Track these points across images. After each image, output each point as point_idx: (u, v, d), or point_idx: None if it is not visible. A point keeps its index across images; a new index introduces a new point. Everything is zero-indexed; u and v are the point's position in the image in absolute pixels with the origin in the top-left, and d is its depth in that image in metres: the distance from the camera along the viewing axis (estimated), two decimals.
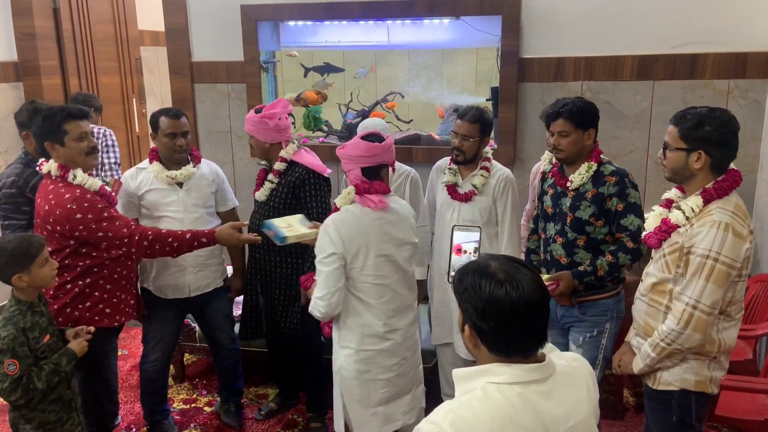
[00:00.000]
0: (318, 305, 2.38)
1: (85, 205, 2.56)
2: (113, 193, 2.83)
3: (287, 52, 4.38)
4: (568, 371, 1.41)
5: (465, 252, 1.86)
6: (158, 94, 6.66)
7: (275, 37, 4.42)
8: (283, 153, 3.02)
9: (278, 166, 3.03)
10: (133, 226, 2.67)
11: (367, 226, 2.39)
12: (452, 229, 1.82)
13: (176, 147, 2.97)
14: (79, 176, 2.62)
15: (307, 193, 2.99)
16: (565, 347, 2.70)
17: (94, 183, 2.66)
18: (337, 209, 2.46)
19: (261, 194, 3.08)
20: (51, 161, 2.63)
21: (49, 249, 2.47)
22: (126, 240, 2.62)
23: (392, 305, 2.46)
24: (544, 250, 2.73)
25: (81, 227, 2.56)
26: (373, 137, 2.45)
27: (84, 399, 2.78)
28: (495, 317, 1.31)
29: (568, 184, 2.58)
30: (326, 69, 4.36)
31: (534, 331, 1.34)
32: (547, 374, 1.35)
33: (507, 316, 1.30)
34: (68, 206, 2.54)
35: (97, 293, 2.70)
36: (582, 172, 2.54)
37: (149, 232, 2.68)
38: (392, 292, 2.46)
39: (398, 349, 2.49)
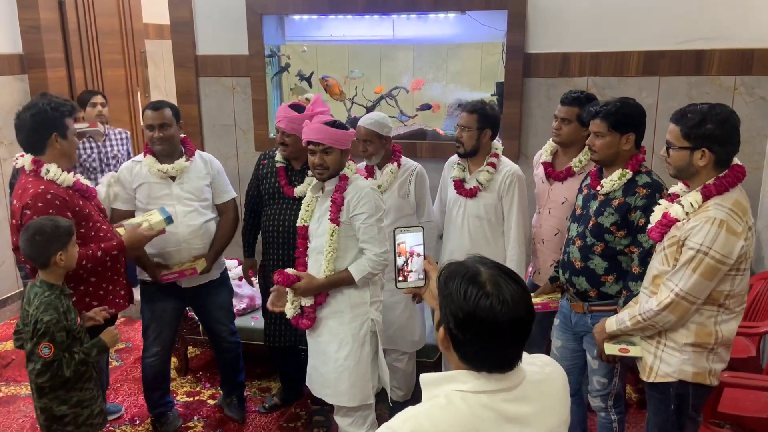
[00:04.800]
0: (384, 258, 2.60)
1: (39, 204, 2.52)
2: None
3: (298, 47, 4.38)
4: (540, 378, 1.35)
5: (418, 255, 1.81)
6: (163, 87, 6.66)
7: (280, 31, 4.42)
8: None
9: None
10: None
11: None
12: (394, 231, 1.79)
13: (153, 138, 2.98)
14: (52, 171, 2.60)
15: None
16: (578, 353, 2.68)
17: (67, 178, 2.63)
18: (345, 178, 2.62)
19: (302, 189, 3.03)
20: (26, 156, 2.63)
21: None
22: None
23: None
24: (564, 249, 2.69)
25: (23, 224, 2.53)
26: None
27: None
28: (473, 330, 1.24)
29: (599, 187, 2.51)
30: (280, 71, 4.42)
31: (509, 351, 1.28)
32: (516, 383, 1.29)
33: (486, 330, 1.23)
34: (26, 200, 2.52)
35: (82, 286, 2.68)
36: (614, 178, 2.45)
37: None
38: None
39: None
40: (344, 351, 2.65)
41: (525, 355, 1.41)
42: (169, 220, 2.90)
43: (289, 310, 2.73)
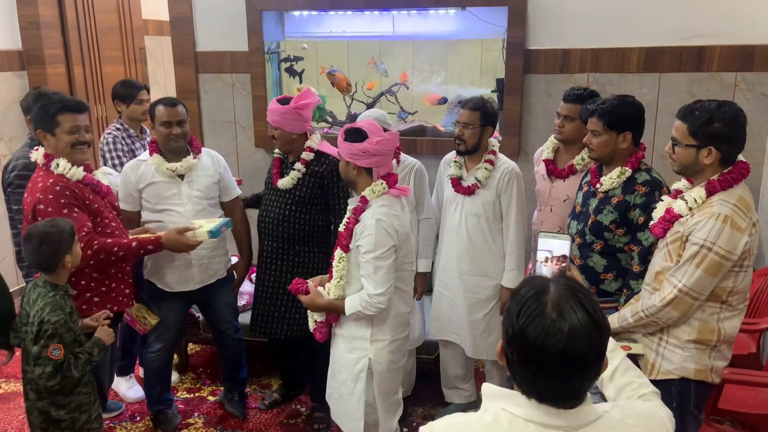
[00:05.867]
0: (378, 301, 2.37)
1: (50, 197, 2.53)
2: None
3: (298, 43, 4.36)
4: (617, 427, 1.19)
5: (547, 261, 1.70)
6: (162, 84, 6.65)
7: (280, 27, 4.41)
8: (309, 143, 3.04)
9: (306, 155, 3.03)
10: (85, 232, 2.57)
11: (404, 216, 2.46)
12: (537, 234, 1.71)
13: (171, 135, 2.94)
14: (62, 165, 2.59)
15: (334, 185, 3.01)
16: None
17: (76, 173, 2.62)
18: (365, 201, 2.43)
19: (286, 182, 3.03)
20: (40, 149, 2.64)
21: None
22: None
23: (412, 290, 2.58)
24: None
25: (40, 218, 2.53)
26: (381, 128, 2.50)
27: None
28: (520, 351, 1.14)
29: (598, 185, 2.50)
30: (291, 60, 4.43)
31: (562, 385, 1.14)
32: (578, 423, 1.16)
33: (533, 356, 1.12)
34: (37, 196, 2.53)
35: (83, 282, 2.66)
36: (614, 176, 2.45)
37: (95, 242, 2.59)
38: (413, 276, 2.58)
39: (410, 332, 2.62)
40: (341, 376, 2.57)
41: (624, 398, 1.34)
42: (213, 234, 2.84)
43: (310, 320, 2.67)
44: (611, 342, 1.52)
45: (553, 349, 1.10)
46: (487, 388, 1.26)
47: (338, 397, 2.61)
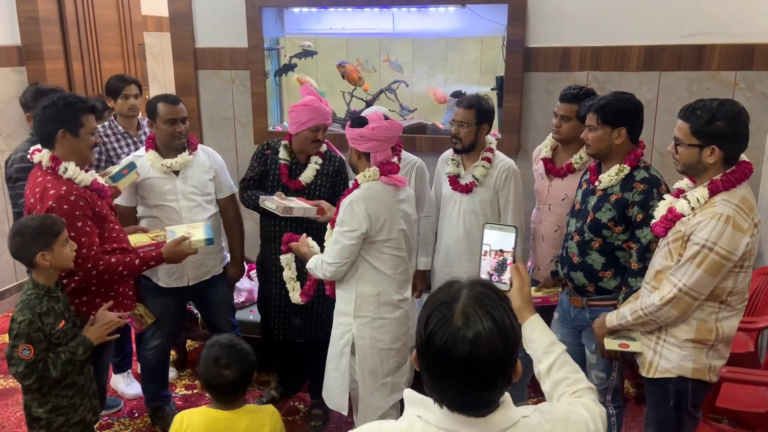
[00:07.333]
0: (326, 269, 2.51)
1: (65, 207, 2.43)
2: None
3: (298, 40, 4.35)
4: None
5: (500, 255, 1.68)
6: (161, 80, 6.65)
7: (279, 23, 4.40)
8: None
9: (323, 148, 3.09)
10: (95, 252, 2.50)
11: (390, 203, 2.49)
12: (483, 227, 1.72)
13: (176, 133, 2.94)
14: (70, 170, 2.49)
15: (342, 183, 3.08)
16: (576, 347, 2.67)
17: (85, 178, 2.53)
18: (356, 185, 2.51)
19: (308, 176, 3.05)
20: (44, 151, 2.52)
21: None
22: (79, 260, 2.45)
23: (404, 276, 2.61)
24: (562, 244, 2.68)
25: None
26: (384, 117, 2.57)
27: None
28: (428, 359, 1.15)
29: (597, 183, 2.50)
30: (304, 54, 4.37)
31: (468, 393, 1.14)
32: (492, 431, 1.16)
33: (439, 364, 1.13)
34: (49, 203, 2.43)
35: (94, 287, 2.61)
36: (612, 173, 2.44)
37: (101, 262, 2.51)
38: (405, 264, 2.60)
39: (406, 318, 2.62)
40: (331, 350, 2.66)
41: (558, 394, 1.36)
42: (209, 241, 2.84)
43: (291, 292, 2.82)
44: (550, 335, 1.54)
45: (457, 357, 1.10)
46: (407, 393, 1.25)
47: (325, 373, 2.68)
